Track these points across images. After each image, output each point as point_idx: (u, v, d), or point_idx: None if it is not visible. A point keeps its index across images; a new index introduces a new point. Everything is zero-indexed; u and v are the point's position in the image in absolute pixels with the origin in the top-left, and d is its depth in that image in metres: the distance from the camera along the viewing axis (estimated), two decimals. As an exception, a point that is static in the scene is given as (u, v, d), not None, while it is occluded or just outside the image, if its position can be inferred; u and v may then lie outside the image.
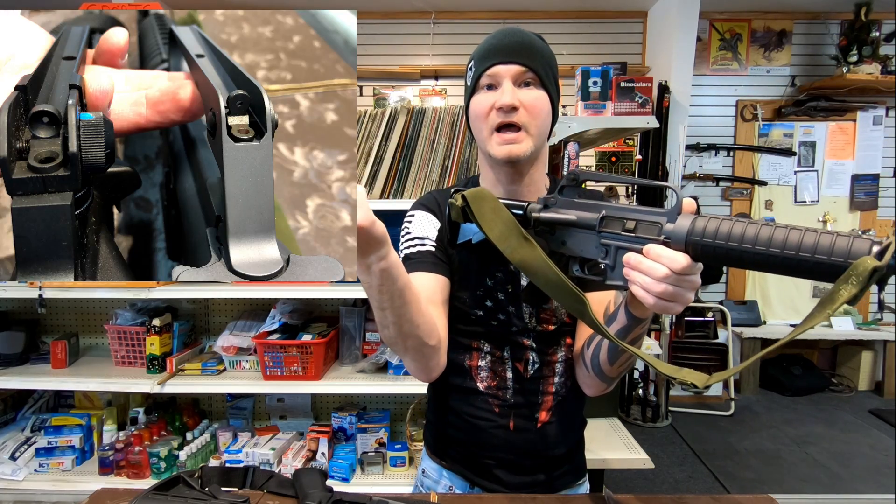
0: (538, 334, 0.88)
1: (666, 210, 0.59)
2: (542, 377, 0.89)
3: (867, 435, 3.12)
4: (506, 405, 0.89)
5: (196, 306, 2.06)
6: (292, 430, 1.94)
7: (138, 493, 0.74)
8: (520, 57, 0.80)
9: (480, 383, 0.90)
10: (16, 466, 1.75)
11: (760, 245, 0.50)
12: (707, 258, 0.56)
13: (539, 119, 0.81)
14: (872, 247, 0.45)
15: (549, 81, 0.82)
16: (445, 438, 0.96)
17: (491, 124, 0.81)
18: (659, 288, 0.57)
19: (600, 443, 1.86)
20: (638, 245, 0.60)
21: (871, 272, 0.44)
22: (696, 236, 0.55)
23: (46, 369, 1.84)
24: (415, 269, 0.85)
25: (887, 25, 3.69)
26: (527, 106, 0.80)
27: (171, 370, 1.77)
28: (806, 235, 0.48)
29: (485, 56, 0.82)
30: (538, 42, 0.83)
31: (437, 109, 1.78)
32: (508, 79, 0.80)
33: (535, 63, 0.80)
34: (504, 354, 0.89)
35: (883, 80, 3.46)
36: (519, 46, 0.80)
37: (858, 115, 3.78)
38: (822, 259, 0.47)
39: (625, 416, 3.37)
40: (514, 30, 0.83)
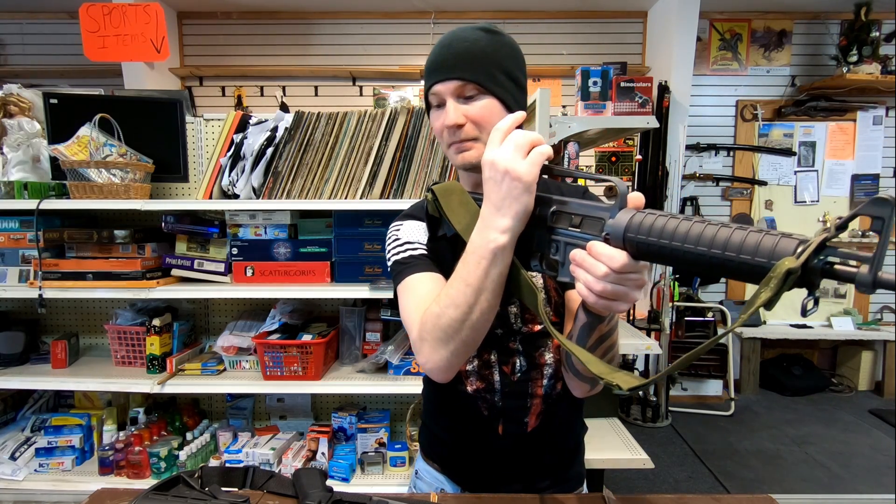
0: (524, 336, 0.87)
1: (610, 205, 0.57)
2: (529, 380, 0.87)
3: (867, 435, 3.12)
4: (494, 409, 0.88)
5: (196, 306, 2.06)
6: (292, 430, 1.94)
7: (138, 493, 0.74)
8: (456, 71, 0.76)
9: (469, 386, 0.89)
10: (16, 466, 1.75)
11: (690, 243, 0.48)
12: (645, 255, 0.53)
13: (489, 126, 0.76)
14: (798, 247, 0.42)
15: (495, 85, 0.78)
16: (437, 441, 0.96)
17: (446, 141, 0.81)
18: (599, 286, 0.55)
19: (600, 443, 1.86)
20: (583, 241, 0.58)
21: (786, 275, 0.41)
22: (632, 233, 0.52)
23: (46, 369, 1.84)
24: (414, 271, 0.82)
25: (887, 25, 3.69)
26: (473, 119, 0.77)
27: (171, 370, 1.77)
28: (735, 233, 0.45)
29: (427, 74, 0.81)
30: (479, 45, 0.77)
31: (437, 109, 1.78)
32: (449, 97, 0.77)
33: (475, 73, 0.76)
34: (491, 358, 0.88)
35: (883, 80, 3.46)
36: (455, 60, 0.77)
37: (858, 115, 3.78)
38: (747, 259, 0.44)
39: (625, 416, 3.37)
40: (452, 39, 0.79)
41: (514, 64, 0.80)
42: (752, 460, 2.82)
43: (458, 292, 0.68)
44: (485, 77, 0.76)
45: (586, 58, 3.68)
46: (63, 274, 1.71)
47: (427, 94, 0.81)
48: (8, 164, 1.83)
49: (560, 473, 0.93)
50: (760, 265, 0.43)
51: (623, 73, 1.88)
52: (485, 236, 0.66)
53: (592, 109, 1.79)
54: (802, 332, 3.71)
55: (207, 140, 1.98)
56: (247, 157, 1.77)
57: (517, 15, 3.71)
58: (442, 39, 0.80)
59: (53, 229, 1.79)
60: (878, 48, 3.48)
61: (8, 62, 3.85)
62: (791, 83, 3.81)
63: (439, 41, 0.81)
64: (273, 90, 3.79)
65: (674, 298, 3.30)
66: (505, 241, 0.65)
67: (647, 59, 3.70)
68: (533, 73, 3.74)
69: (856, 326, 3.75)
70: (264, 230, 1.79)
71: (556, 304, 0.86)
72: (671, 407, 3.40)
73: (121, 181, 1.69)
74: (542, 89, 1.65)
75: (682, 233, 0.48)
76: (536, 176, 0.63)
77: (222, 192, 1.82)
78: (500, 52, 0.79)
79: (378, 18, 3.69)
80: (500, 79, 0.78)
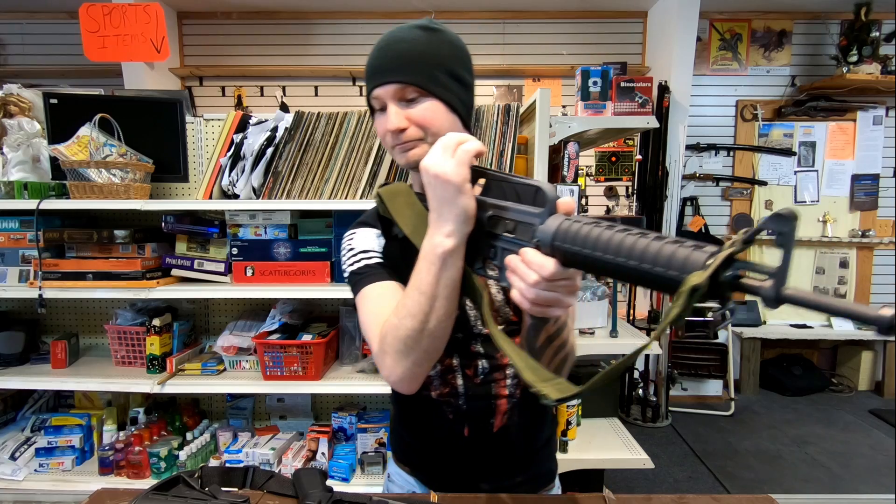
0: (485, 338, 0.86)
1: (540, 210, 0.56)
2: (493, 381, 0.87)
3: (867, 435, 3.12)
4: (459, 412, 0.87)
5: (196, 306, 2.06)
6: (292, 430, 1.94)
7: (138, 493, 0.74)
8: (395, 74, 0.74)
9: (433, 392, 0.88)
10: (16, 466, 1.75)
11: (611, 253, 0.47)
12: (572, 264, 0.52)
13: (434, 126, 0.76)
14: (707, 260, 0.40)
15: (437, 86, 0.76)
16: (406, 445, 0.96)
17: (389, 144, 0.79)
18: (531, 294, 0.55)
19: (600, 443, 1.86)
20: (516, 247, 0.58)
21: (691, 291, 0.40)
22: (559, 241, 0.52)
23: (46, 369, 1.84)
24: (369, 281, 0.80)
25: (887, 25, 3.69)
26: (416, 121, 0.76)
27: (171, 370, 1.77)
28: (651, 245, 0.44)
29: (367, 78, 0.79)
30: (418, 45, 0.75)
31: (437, 109, 1.78)
32: (390, 100, 0.76)
33: (415, 75, 0.74)
34: (453, 362, 0.87)
35: (883, 80, 3.46)
36: (392, 63, 0.75)
37: (858, 115, 3.78)
38: (660, 272, 0.43)
39: (625, 416, 3.37)
40: (389, 41, 0.77)
41: (457, 62, 0.78)
42: (752, 460, 2.82)
43: (413, 301, 0.68)
44: (425, 79, 0.75)
45: (586, 58, 3.68)
46: (63, 274, 1.71)
47: (369, 98, 0.79)
48: (8, 164, 1.83)
49: (530, 470, 0.93)
50: (672, 278, 0.42)
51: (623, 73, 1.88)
52: (432, 242, 0.66)
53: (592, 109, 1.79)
54: (802, 332, 3.71)
55: (207, 140, 1.98)
56: (247, 157, 1.77)
57: (517, 15, 3.71)
58: (379, 41, 0.78)
59: (53, 229, 1.79)
60: (878, 48, 3.48)
61: (8, 62, 3.84)
62: (791, 83, 3.81)
63: (377, 43, 0.78)
64: (273, 90, 3.79)
65: (674, 298, 3.30)
66: (451, 245, 0.64)
67: (647, 59, 3.70)
68: (533, 73, 3.74)
69: (856, 326, 3.74)
70: (264, 230, 1.79)
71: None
72: (671, 407, 3.40)
73: (121, 181, 1.69)
74: (542, 89, 1.65)
75: (603, 242, 0.48)
76: (466, 176, 0.63)
77: (222, 192, 1.82)
78: (441, 51, 0.77)
79: (378, 18, 3.69)
80: (441, 79, 0.76)
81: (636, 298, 3.57)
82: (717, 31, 3.78)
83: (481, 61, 3.73)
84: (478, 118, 1.76)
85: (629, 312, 3.49)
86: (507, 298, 0.84)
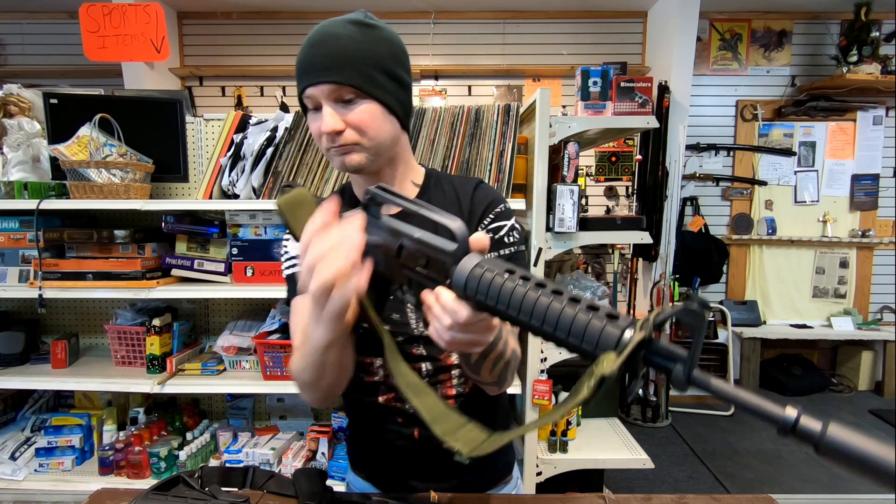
0: (427, 339, 0.83)
1: (453, 248, 0.52)
2: (438, 383, 0.85)
3: (867, 435, 3.12)
4: (407, 416, 0.86)
5: (196, 306, 2.06)
6: (292, 430, 1.94)
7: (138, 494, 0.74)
8: (330, 73, 0.70)
9: (380, 396, 0.87)
10: (16, 466, 1.75)
11: (524, 314, 0.45)
12: (485, 311, 0.50)
13: (371, 131, 0.74)
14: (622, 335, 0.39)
15: (374, 87, 0.73)
16: (360, 451, 0.96)
17: (325, 146, 0.76)
18: (447, 336, 0.54)
19: (600, 443, 1.86)
20: (431, 284, 0.54)
21: (599, 381, 0.39)
22: (470, 291, 0.49)
23: (46, 369, 1.84)
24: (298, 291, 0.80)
25: (887, 25, 3.69)
26: (352, 124, 0.73)
27: (171, 370, 1.77)
28: (565, 312, 0.43)
29: (298, 76, 0.74)
30: (353, 42, 0.71)
31: (437, 109, 1.78)
32: (325, 101, 0.72)
33: (351, 75, 0.70)
34: None
35: (883, 80, 3.46)
36: (327, 61, 0.70)
37: (858, 115, 3.78)
38: (574, 343, 0.42)
39: (625, 416, 3.37)
40: (323, 36, 0.72)
41: (395, 61, 0.75)
42: (752, 460, 2.82)
43: (308, 352, 0.66)
44: (362, 79, 0.71)
45: (586, 58, 3.68)
46: (63, 274, 1.71)
47: (301, 97, 0.75)
48: (8, 164, 1.83)
49: (485, 465, 0.92)
50: (586, 351, 0.42)
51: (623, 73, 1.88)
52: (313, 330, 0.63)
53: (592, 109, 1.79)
54: (802, 332, 3.71)
55: (207, 140, 1.98)
56: (247, 157, 1.77)
57: (517, 15, 3.71)
58: (311, 36, 0.73)
59: (53, 229, 1.79)
60: (878, 48, 3.48)
61: (8, 62, 3.84)
62: (791, 83, 3.81)
63: (308, 38, 0.73)
64: (273, 90, 3.79)
65: (674, 298, 3.30)
66: (327, 340, 0.62)
67: (647, 59, 3.70)
68: (533, 73, 3.74)
69: (856, 326, 3.75)
70: (264, 230, 1.79)
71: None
72: (671, 407, 3.41)
73: (121, 181, 1.69)
74: (542, 89, 1.65)
75: (517, 301, 0.46)
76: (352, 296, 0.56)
77: (222, 192, 1.82)
78: (378, 49, 0.73)
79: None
80: (379, 79, 0.73)
81: (636, 298, 3.57)
82: (717, 31, 3.78)
83: (481, 61, 3.74)
84: (478, 118, 1.76)
85: (629, 312, 3.49)
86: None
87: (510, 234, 0.84)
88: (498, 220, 0.83)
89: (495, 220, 0.83)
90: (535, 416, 1.73)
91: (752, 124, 3.83)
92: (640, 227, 1.77)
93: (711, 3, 3.55)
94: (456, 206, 0.84)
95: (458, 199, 0.85)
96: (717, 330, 3.60)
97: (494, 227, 0.83)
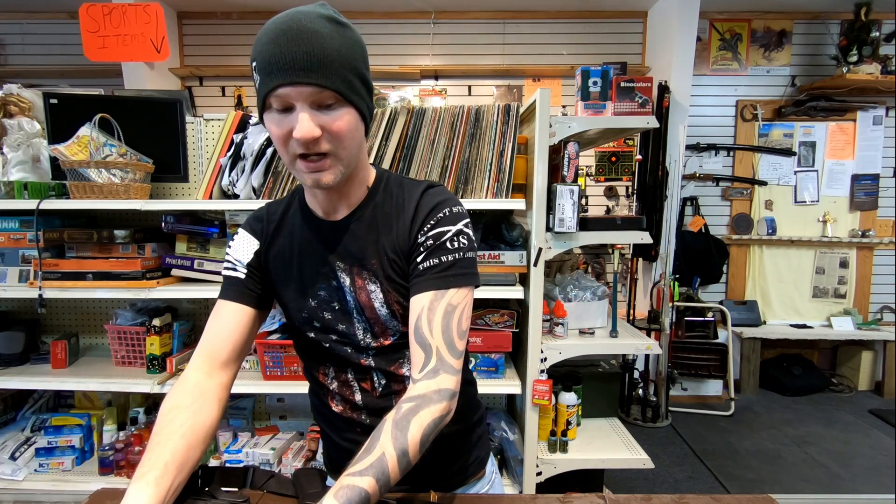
0: (377, 351, 0.83)
1: None
2: (392, 393, 0.84)
3: (867, 435, 3.12)
4: (363, 426, 0.85)
5: (196, 306, 2.06)
6: (292, 430, 1.94)
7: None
8: (312, 75, 0.64)
9: (336, 407, 0.87)
10: (16, 466, 1.75)
11: None
12: None
13: (346, 140, 0.69)
14: None
15: (353, 93, 0.68)
16: (330, 457, 0.96)
17: (292, 152, 0.69)
18: None
19: (600, 443, 1.86)
20: None
21: None
22: None
23: (46, 369, 1.84)
24: (223, 295, 0.83)
25: (887, 25, 3.69)
26: (331, 132, 0.68)
27: (171, 370, 1.77)
28: None
29: (268, 70, 0.65)
30: (333, 42, 0.65)
31: (437, 109, 1.78)
32: (302, 103, 0.65)
33: (334, 79, 0.65)
34: (349, 377, 0.85)
35: (883, 80, 3.46)
36: (309, 60, 0.63)
37: (858, 115, 3.78)
38: None
39: (625, 416, 3.37)
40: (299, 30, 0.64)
41: (364, 64, 0.72)
42: (752, 460, 2.82)
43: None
44: (344, 85, 0.67)
45: (586, 58, 3.68)
46: (63, 274, 1.71)
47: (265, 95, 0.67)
48: (8, 164, 1.83)
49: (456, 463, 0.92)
50: None
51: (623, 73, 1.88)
52: None
53: (592, 109, 1.79)
54: (802, 332, 3.71)
55: (207, 140, 1.98)
56: (247, 157, 1.77)
57: (517, 15, 3.71)
58: (280, 26, 0.64)
59: (53, 229, 1.79)
60: (878, 48, 3.48)
61: (8, 62, 3.84)
62: (791, 83, 3.81)
63: (276, 26, 0.65)
64: (273, 90, 3.78)
65: (674, 298, 3.30)
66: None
67: (647, 59, 3.70)
68: (533, 73, 3.74)
69: (856, 326, 3.75)
70: (264, 230, 1.79)
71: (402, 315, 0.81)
72: (671, 407, 3.40)
73: (121, 181, 1.69)
74: (542, 89, 1.65)
75: None
76: None
77: (222, 192, 1.82)
78: (354, 51, 0.68)
79: (378, 18, 3.69)
80: (356, 85, 0.69)
81: (636, 298, 3.57)
82: (717, 31, 3.78)
83: (481, 61, 3.73)
84: (478, 118, 1.76)
85: (629, 312, 3.49)
86: (391, 312, 0.81)
87: (455, 239, 0.78)
88: (439, 225, 0.78)
89: (436, 225, 0.78)
90: (535, 415, 1.73)
91: (752, 124, 3.83)
92: (640, 227, 1.77)
93: (711, 3, 3.55)
94: (401, 210, 0.81)
95: (403, 204, 0.81)
96: (717, 330, 3.60)
97: (434, 233, 0.78)
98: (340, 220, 0.81)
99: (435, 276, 0.76)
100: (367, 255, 0.80)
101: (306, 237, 0.83)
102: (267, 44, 0.65)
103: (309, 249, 0.83)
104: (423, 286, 0.76)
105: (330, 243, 0.82)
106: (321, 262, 0.82)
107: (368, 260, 0.80)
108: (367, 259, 0.80)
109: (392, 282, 0.80)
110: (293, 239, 0.84)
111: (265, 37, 0.66)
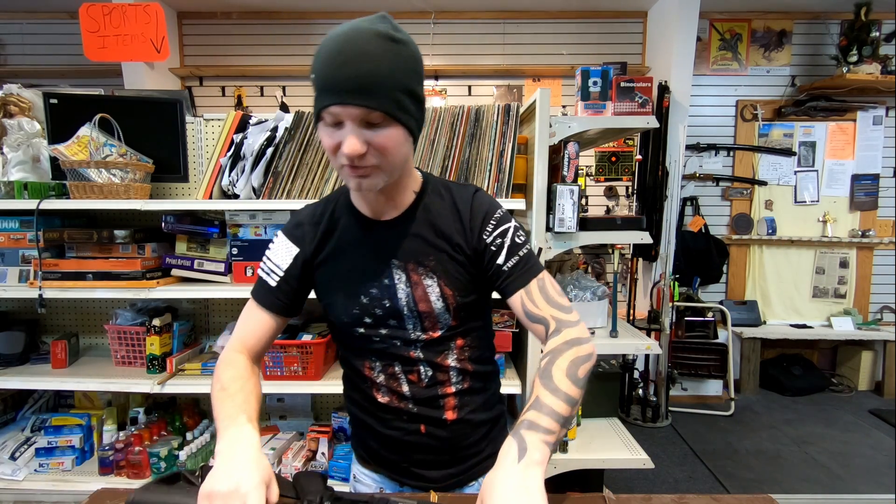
0: (425, 343, 0.88)
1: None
2: (438, 383, 0.89)
3: (867, 435, 3.11)
4: (411, 415, 0.90)
5: (196, 306, 2.06)
6: (292, 430, 1.94)
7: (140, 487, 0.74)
8: (361, 98, 0.67)
9: (382, 398, 0.91)
10: (16, 466, 1.75)
11: None
12: None
13: (391, 155, 0.73)
14: None
15: (402, 112, 0.71)
16: (367, 448, 0.98)
17: (340, 161, 0.74)
18: None
19: (600, 443, 1.86)
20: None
21: None
22: None
23: (46, 369, 1.84)
24: (256, 297, 0.92)
25: (887, 25, 3.69)
26: (376, 147, 0.72)
27: (171, 370, 1.77)
28: None
29: (322, 88, 0.70)
30: (384, 63, 0.68)
31: (437, 109, 1.78)
32: (351, 121, 0.70)
33: (382, 101, 0.68)
34: (396, 369, 0.89)
35: (883, 80, 3.46)
36: (358, 83, 0.67)
37: (858, 115, 3.78)
38: None
39: (625, 416, 3.37)
40: (351, 53, 0.67)
41: (417, 79, 0.75)
42: (752, 460, 2.81)
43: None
44: (392, 105, 0.70)
45: (586, 58, 3.68)
46: (63, 274, 1.71)
47: (319, 110, 0.72)
48: (8, 164, 1.83)
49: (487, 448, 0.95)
50: None
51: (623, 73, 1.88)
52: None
53: (592, 109, 1.79)
54: (802, 332, 3.71)
55: (207, 140, 1.98)
56: (247, 157, 1.77)
57: (517, 15, 3.71)
58: (336, 45, 0.68)
59: (53, 229, 1.79)
60: (878, 48, 3.48)
61: (8, 62, 3.84)
62: (791, 83, 3.81)
63: (332, 46, 0.68)
64: (273, 90, 3.79)
65: (674, 298, 3.30)
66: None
67: (647, 59, 3.70)
68: (533, 73, 3.74)
69: (856, 326, 3.75)
70: (264, 230, 1.79)
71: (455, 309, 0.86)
72: (671, 407, 3.40)
73: (121, 181, 1.69)
74: (542, 89, 1.65)
75: None
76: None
77: (222, 192, 1.82)
78: (406, 68, 0.71)
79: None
80: (405, 103, 0.72)
81: (636, 298, 3.57)
82: (717, 31, 3.78)
83: (481, 61, 3.73)
84: (478, 118, 1.76)
85: (629, 312, 3.49)
86: (445, 305, 0.86)
87: (517, 235, 0.86)
88: (500, 224, 0.86)
89: (497, 225, 0.85)
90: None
91: (752, 124, 3.83)
92: (640, 227, 1.77)
93: (711, 3, 3.55)
94: (454, 212, 0.86)
95: (455, 206, 0.87)
96: (717, 330, 3.60)
97: (499, 232, 0.85)
98: (393, 220, 0.86)
99: (521, 273, 0.84)
100: (424, 252, 0.85)
101: (356, 236, 0.88)
102: (323, 61, 0.69)
103: (360, 248, 0.87)
104: (516, 284, 0.84)
105: (384, 242, 0.86)
106: (374, 259, 0.86)
107: (426, 256, 0.85)
108: (423, 256, 0.85)
109: (450, 276, 0.85)
110: (341, 239, 0.89)
111: (324, 51, 0.69)
